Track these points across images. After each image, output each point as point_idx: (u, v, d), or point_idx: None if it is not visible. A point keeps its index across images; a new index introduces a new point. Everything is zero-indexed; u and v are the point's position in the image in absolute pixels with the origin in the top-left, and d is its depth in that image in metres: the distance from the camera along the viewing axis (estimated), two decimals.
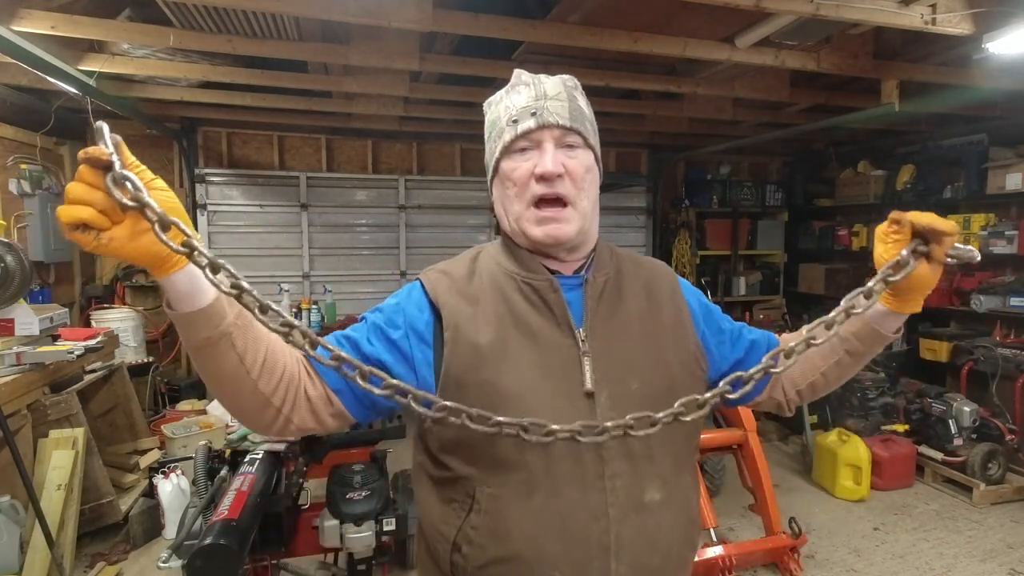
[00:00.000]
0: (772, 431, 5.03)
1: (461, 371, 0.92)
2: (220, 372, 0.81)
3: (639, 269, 1.07)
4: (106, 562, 3.09)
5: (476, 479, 0.92)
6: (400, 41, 3.21)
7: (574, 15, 2.89)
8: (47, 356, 3.02)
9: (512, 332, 0.94)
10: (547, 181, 0.92)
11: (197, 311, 0.75)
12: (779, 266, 6.71)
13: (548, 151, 0.93)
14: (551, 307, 0.96)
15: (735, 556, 2.85)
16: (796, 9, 2.51)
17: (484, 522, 0.91)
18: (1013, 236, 4.43)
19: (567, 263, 1.01)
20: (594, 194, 0.99)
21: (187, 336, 0.77)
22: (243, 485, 2.02)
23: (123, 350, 4.24)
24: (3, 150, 4.03)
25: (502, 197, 0.99)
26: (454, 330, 0.93)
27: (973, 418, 4.09)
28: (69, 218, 0.65)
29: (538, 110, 0.94)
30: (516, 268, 0.99)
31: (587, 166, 0.96)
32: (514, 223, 0.97)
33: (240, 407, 0.86)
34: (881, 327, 0.96)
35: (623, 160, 6.36)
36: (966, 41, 2.97)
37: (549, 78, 1.00)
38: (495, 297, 0.97)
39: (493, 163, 0.99)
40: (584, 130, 0.96)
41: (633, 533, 0.90)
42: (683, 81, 3.90)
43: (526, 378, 0.91)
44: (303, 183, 5.43)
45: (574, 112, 0.96)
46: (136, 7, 3.07)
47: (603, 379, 0.92)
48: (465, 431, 0.80)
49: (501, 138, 0.96)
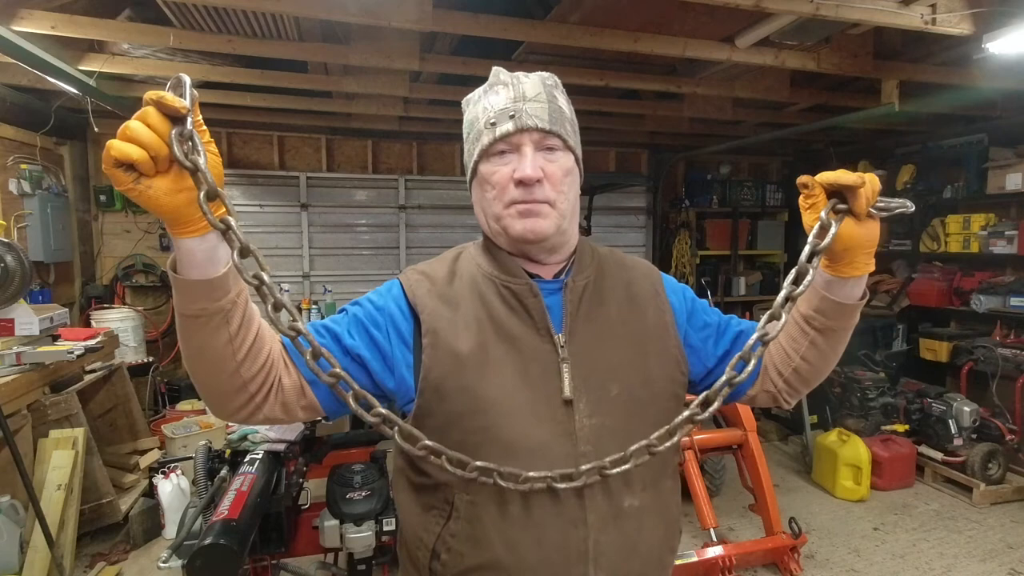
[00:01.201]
0: (772, 431, 5.03)
1: (440, 377, 0.91)
2: (205, 347, 0.79)
3: (621, 270, 1.06)
4: (106, 562, 3.09)
5: (455, 486, 0.91)
6: (400, 41, 3.21)
7: (574, 15, 2.88)
8: (47, 356, 3.02)
9: (492, 338, 0.93)
10: (526, 186, 0.91)
11: (202, 280, 0.74)
12: (779, 266, 6.70)
13: (527, 155, 0.91)
14: (531, 312, 0.95)
15: (735, 556, 2.86)
16: (796, 9, 2.51)
17: (463, 529, 0.90)
18: (1013, 236, 4.43)
19: (547, 266, 1.00)
20: (574, 196, 0.98)
21: (183, 303, 0.75)
22: (243, 485, 2.01)
23: (123, 350, 4.24)
24: (3, 150, 4.03)
25: (481, 200, 0.98)
26: (433, 335, 0.92)
27: (973, 418, 4.09)
28: (120, 154, 0.63)
29: (517, 112, 0.92)
30: (496, 271, 0.98)
31: (566, 169, 0.95)
32: (494, 223, 0.96)
33: (214, 388, 0.84)
34: (840, 297, 0.92)
35: (623, 160, 6.36)
36: (966, 41, 2.97)
37: (528, 77, 0.98)
38: (475, 301, 0.96)
39: (472, 165, 0.98)
40: (564, 132, 0.94)
41: (612, 539, 0.90)
42: (683, 81, 3.90)
43: (506, 385, 0.90)
44: (303, 183, 5.43)
45: (554, 114, 0.94)
46: (136, 7, 3.07)
47: (582, 385, 0.92)
48: (444, 439, 0.81)
49: (479, 141, 0.95)
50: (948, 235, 5.00)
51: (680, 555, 2.82)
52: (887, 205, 0.86)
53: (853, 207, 0.83)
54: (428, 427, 0.87)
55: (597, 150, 6.22)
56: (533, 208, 0.92)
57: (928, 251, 5.21)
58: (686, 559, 2.80)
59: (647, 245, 6.45)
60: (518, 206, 0.92)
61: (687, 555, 2.82)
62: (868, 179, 0.83)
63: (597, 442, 0.90)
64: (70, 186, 4.76)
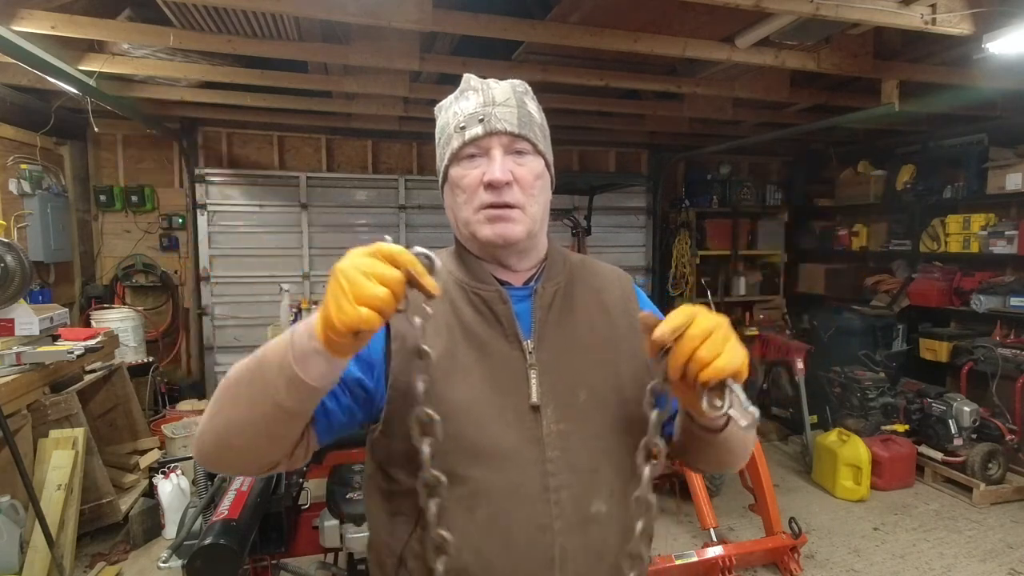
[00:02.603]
0: (772, 431, 5.03)
1: (408, 383, 0.89)
2: (268, 431, 0.80)
3: (593, 277, 1.06)
4: (106, 562, 3.09)
5: (423, 491, 0.89)
6: (400, 41, 3.21)
7: (574, 15, 2.88)
8: (47, 356, 3.02)
9: (461, 344, 0.93)
10: (495, 189, 0.91)
11: (316, 387, 0.74)
12: (779, 266, 6.71)
13: (496, 158, 0.91)
14: (500, 319, 0.94)
15: (735, 556, 2.86)
16: (796, 9, 2.51)
17: (430, 535, 0.89)
18: (1013, 236, 4.44)
19: (518, 273, 1.00)
20: (544, 200, 0.98)
21: (290, 398, 0.75)
22: (243, 485, 2.02)
23: (123, 350, 4.24)
24: (3, 150, 4.03)
25: (452, 204, 0.98)
26: (401, 340, 0.91)
27: (973, 418, 4.09)
28: (370, 325, 0.66)
29: (486, 116, 0.92)
30: (466, 278, 0.98)
31: (536, 173, 0.95)
32: (464, 228, 0.96)
33: (251, 458, 0.85)
34: (697, 425, 0.88)
35: (623, 160, 6.36)
36: (966, 41, 2.97)
37: (499, 84, 0.98)
38: (445, 307, 0.95)
39: (443, 170, 0.98)
40: (533, 136, 0.94)
41: (578, 545, 0.90)
42: (683, 81, 3.90)
43: (474, 391, 0.90)
44: (303, 183, 5.43)
45: (523, 118, 0.94)
46: (136, 7, 3.07)
47: (549, 392, 0.92)
48: (412, 443, 0.81)
49: (449, 145, 0.95)
50: (948, 235, 5.00)
51: (680, 555, 2.82)
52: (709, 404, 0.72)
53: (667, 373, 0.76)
54: (398, 432, 0.87)
55: (597, 150, 6.22)
56: (503, 213, 0.91)
57: (928, 251, 5.21)
58: (686, 559, 2.80)
59: (647, 245, 6.45)
60: (487, 211, 0.92)
61: (687, 555, 2.82)
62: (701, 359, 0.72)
63: (564, 448, 0.90)
64: (70, 186, 4.77)
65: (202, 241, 5.21)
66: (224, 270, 5.31)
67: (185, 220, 5.23)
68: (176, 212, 5.22)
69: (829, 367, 4.79)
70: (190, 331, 5.34)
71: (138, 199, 5.08)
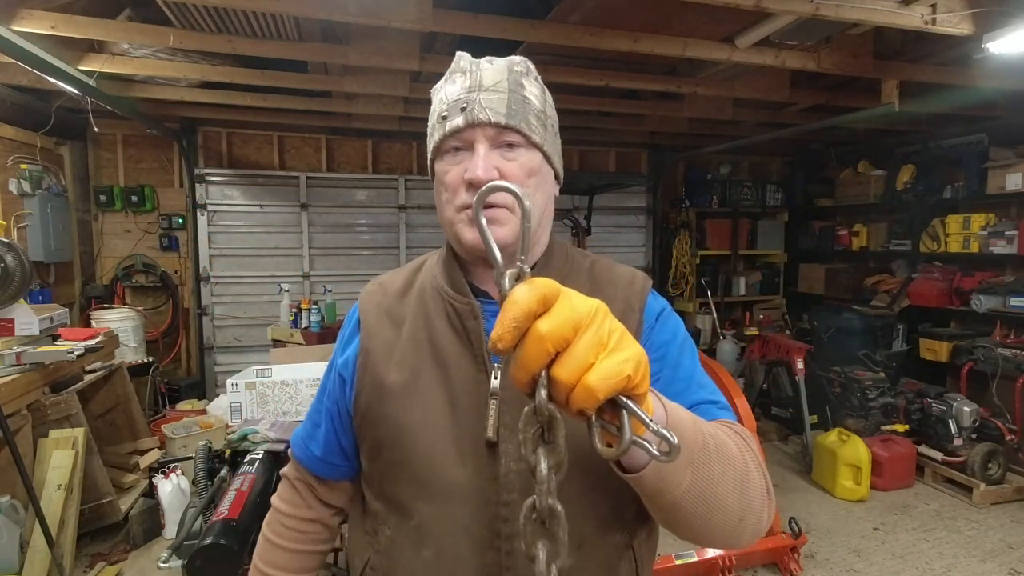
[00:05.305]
0: (772, 431, 5.03)
1: (367, 403, 0.86)
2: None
3: (593, 289, 0.88)
4: (106, 562, 3.09)
5: (380, 517, 0.87)
6: (400, 41, 3.21)
7: (574, 15, 2.88)
8: (47, 356, 3.02)
9: (428, 362, 0.85)
10: (477, 188, 0.77)
11: None
12: (779, 266, 6.71)
13: (479, 153, 0.79)
14: (470, 336, 0.84)
15: (735, 556, 2.86)
16: (796, 9, 2.51)
17: (381, 563, 0.86)
18: (1013, 236, 4.44)
19: None
20: (542, 198, 0.84)
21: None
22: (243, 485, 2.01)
23: (123, 350, 4.24)
24: (3, 150, 4.03)
25: (438, 202, 0.87)
26: (365, 355, 0.87)
27: (973, 418, 4.09)
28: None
29: (469, 104, 0.79)
30: (446, 285, 0.88)
31: (529, 168, 0.81)
32: (448, 228, 0.86)
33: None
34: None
35: (623, 160, 6.36)
36: (966, 41, 2.97)
37: (492, 63, 0.84)
38: (419, 319, 0.88)
39: (429, 164, 0.88)
40: (525, 126, 0.80)
41: None
42: (683, 81, 3.90)
43: (431, 416, 0.82)
44: (303, 183, 5.43)
45: (514, 105, 0.80)
46: (136, 7, 3.08)
47: (510, 425, 0.79)
48: (371, 467, 0.80)
49: (432, 137, 0.84)
50: (948, 235, 5.00)
51: (680, 555, 2.82)
52: (601, 439, 0.50)
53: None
54: (363, 452, 0.86)
55: (597, 150, 6.22)
56: (488, 214, 0.78)
57: (928, 251, 5.21)
58: (686, 559, 2.80)
59: (647, 245, 6.46)
60: (471, 212, 0.80)
61: (687, 555, 2.82)
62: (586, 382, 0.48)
63: (524, 491, 0.77)
64: (70, 186, 4.77)
65: (202, 241, 5.22)
66: (224, 270, 5.32)
67: (185, 220, 5.23)
68: (176, 212, 5.22)
69: (829, 367, 4.78)
70: (190, 331, 5.35)
71: (138, 199, 5.08)
